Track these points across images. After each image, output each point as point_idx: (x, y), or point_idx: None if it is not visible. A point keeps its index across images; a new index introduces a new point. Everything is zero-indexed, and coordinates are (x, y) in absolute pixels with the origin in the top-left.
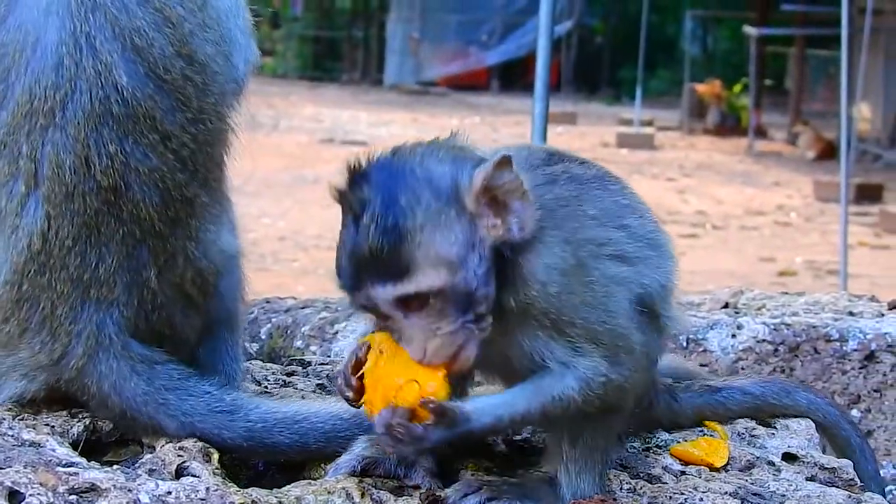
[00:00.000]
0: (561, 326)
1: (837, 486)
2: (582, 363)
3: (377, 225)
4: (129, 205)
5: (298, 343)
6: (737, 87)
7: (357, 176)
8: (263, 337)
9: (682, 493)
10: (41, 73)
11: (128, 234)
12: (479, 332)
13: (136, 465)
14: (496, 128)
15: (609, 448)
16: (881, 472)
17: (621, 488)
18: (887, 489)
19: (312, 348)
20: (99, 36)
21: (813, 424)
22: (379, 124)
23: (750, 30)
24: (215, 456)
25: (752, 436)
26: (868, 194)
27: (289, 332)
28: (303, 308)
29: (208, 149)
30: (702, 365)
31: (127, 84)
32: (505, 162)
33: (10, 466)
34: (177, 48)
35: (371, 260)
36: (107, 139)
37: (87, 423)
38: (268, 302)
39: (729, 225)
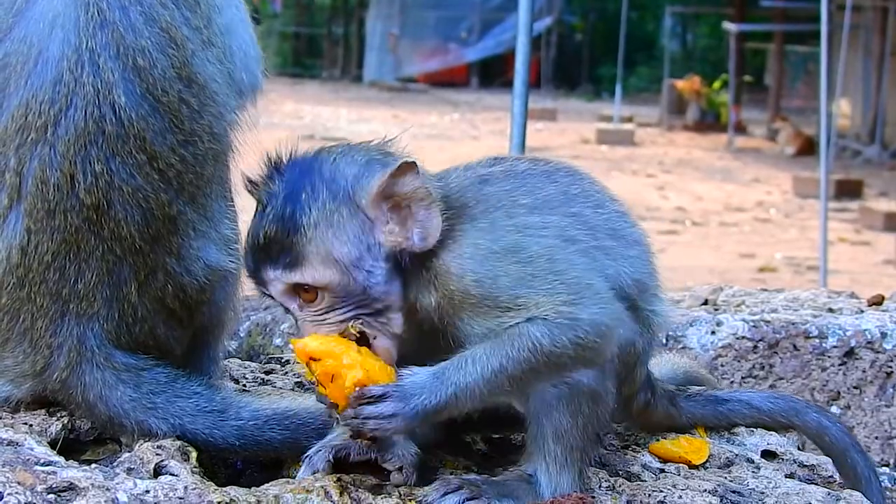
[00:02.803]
0: (505, 304)
1: (816, 484)
2: (542, 306)
3: (275, 215)
4: (110, 223)
5: (277, 341)
6: (716, 84)
7: (272, 170)
8: (242, 334)
9: (661, 491)
10: (39, 87)
11: (108, 251)
12: (385, 327)
13: (115, 463)
14: (475, 124)
15: (590, 446)
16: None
17: (600, 486)
18: None
19: (291, 346)
20: (103, 53)
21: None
22: (359, 121)
23: (729, 26)
24: (193, 454)
25: (732, 433)
26: (848, 190)
27: (268, 329)
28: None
29: (198, 168)
30: None
31: (124, 104)
32: (405, 168)
33: None
34: (177, 70)
35: (265, 246)
36: (94, 158)
37: (66, 421)
38: (247, 299)
39: (709, 221)
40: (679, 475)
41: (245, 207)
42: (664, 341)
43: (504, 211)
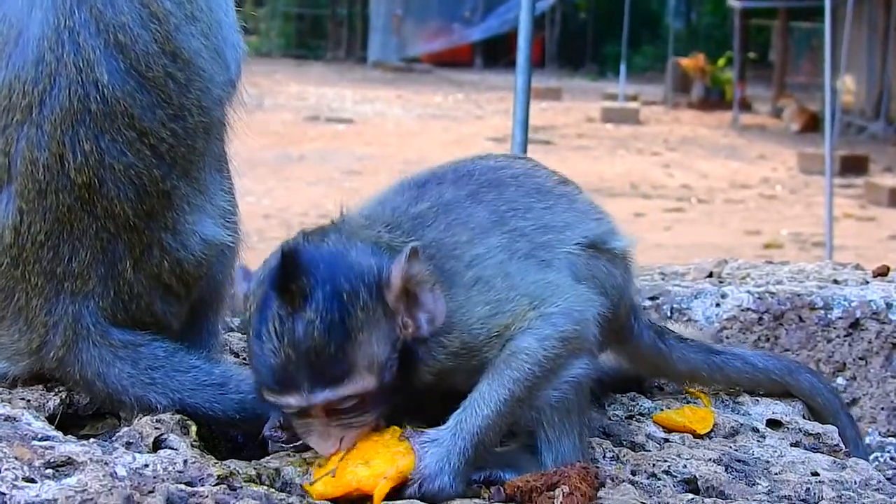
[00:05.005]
0: (484, 339)
1: (822, 452)
2: (515, 324)
3: (322, 323)
4: (103, 201)
5: None
6: (721, 61)
7: (295, 265)
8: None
9: (666, 461)
10: (21, 67)
11: (102, 229)
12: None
13: (113, 438)
14: (480, 104)
15: (586, 404)
16: (866, 439)
17: (604, 456)
18: (872, 456)
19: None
20: (83, 31)
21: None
22: (364, 101)
23: (733, 3)
24: (193, 428)
25: (737, 402)
26: (853, 166)
27: None
28: None
29: (189, 142)
30: None
31: (107, 81)
32: (415, 253)
33: None
34: (161, 45)
35: (310, 360)
36: (82, 137)
37: (64, 396)
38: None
39: (714, 198)
40: (684, 444)
41: (244, 186)
42: (669, 314)
43: (454, 259)
